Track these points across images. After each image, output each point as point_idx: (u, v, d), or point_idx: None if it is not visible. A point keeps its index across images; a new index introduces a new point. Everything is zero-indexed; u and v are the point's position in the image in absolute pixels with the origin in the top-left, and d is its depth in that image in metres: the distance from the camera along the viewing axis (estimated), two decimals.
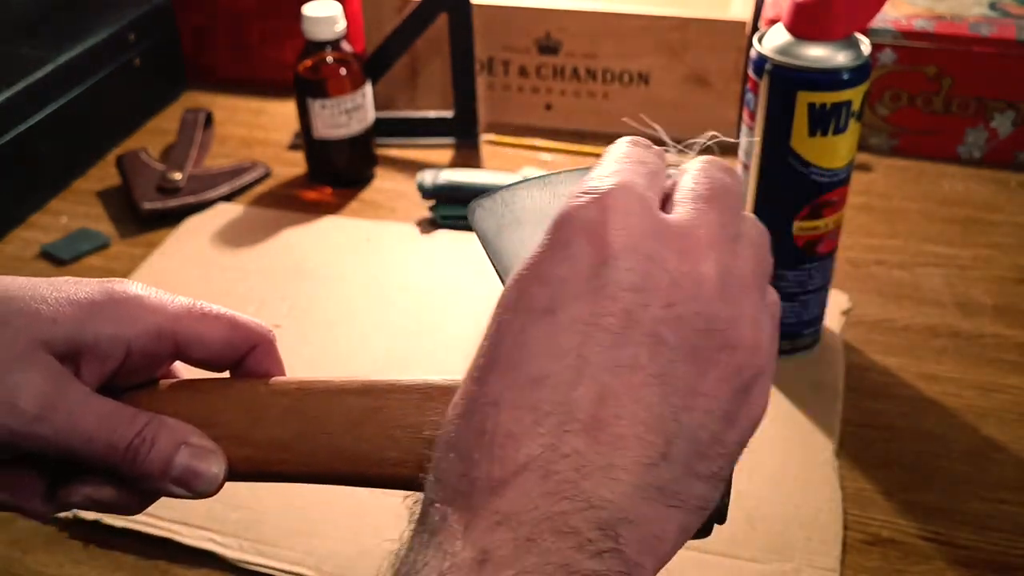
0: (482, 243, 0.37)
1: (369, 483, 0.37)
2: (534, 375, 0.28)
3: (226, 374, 0.40)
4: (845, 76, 0.58)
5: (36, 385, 0.34)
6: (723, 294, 0.29)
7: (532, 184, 0.38)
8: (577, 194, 0.30)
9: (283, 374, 0.41)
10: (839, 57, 0.58)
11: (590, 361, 0.28)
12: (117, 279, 0.38)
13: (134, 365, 0.37)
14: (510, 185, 0.37)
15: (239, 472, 0.37)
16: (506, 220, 0.37)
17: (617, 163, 0.31)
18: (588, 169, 0.36)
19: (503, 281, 0.36)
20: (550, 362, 0.28)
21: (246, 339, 0.40)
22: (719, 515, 0.35)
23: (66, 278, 0.37)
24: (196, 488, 0.36)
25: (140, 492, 0.37)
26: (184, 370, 0.41)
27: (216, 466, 0.36)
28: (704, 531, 0.34)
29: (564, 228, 0.29)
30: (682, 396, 0.28)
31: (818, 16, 0.58)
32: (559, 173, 0.36)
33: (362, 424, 0.37)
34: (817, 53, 0.58)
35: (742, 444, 0.30)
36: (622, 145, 0.32)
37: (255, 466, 0.37)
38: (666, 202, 0.31)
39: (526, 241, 0.36)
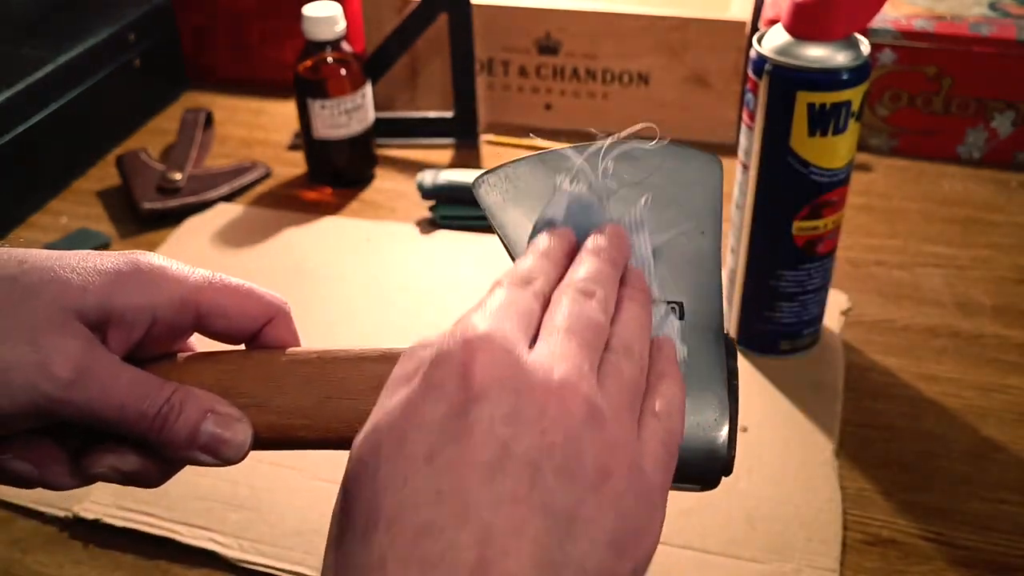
0: (488, 215, 0.39)
1: None
2: (419, 526, 0.28)
3: (242, 347, 0.41)
4: (845, 76, 0.58)
5: (70, 351, 0.34)
6: (592, 420, 0.30)
7: (533, 160, 0.40)
8: (450, 336, 0.31)
9: (299, 346, 0.42)
10: (839, 57, 0.58)
11: (471, 501, 0.28)
12: (139, 251, 0.38)
13: (156, 335, 0.38)
14: (513, 161, 0.39)
15: (263, 439, 0.38)
16: (509, 194, 0.39)
17: (492, 307, 0.32)
18: (582, 147, 0.40)
19: (509, 252, 0.38)
20: (433, 510, 0.28)
21: (264, 311, 0.41)
22: (725, 467, 0.35)
23: (89, 251, 0.38)
24: (223, 455, 0.37)
25: (164, 462, 0.37)
26: (200, 345, 0.41)
27: (242, 433, 0.37)
28: (711, 483, 0.35)
29: (436, 370, 0.30)
30: (565, 525, 0.29)
31: (818, 16, 0.58)
32: (556, 151, 0.38)
33: (383, 376, 0.37)
34: (817, 53, 0.58)
35: (637, 573, 0.30)
36: (499, 292, 0.33)
37: (278, 432, 0.38)
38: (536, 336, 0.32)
39: (527, 214, 0.38)
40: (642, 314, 0.35)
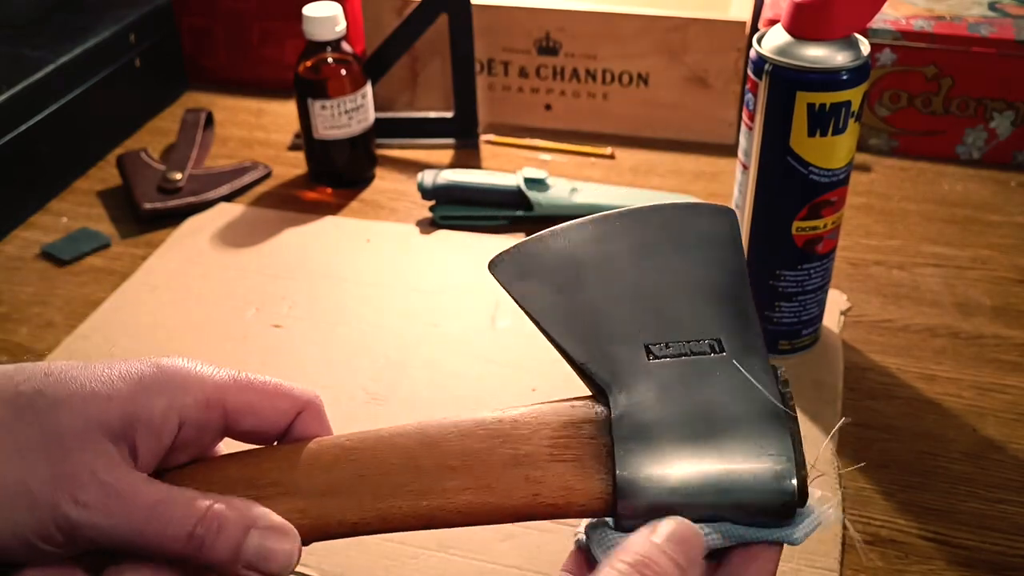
0: (506, 290, 0.40)
1: (431, 521, 0.36)
2: None
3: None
4: (844, 76, 0.58)
5: (94, 470, 0.33)
6: None
7: (544, 237, 0.41)
8: None
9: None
10: (838, 57, 0.58)
11: None
12: (164, 357, 0.37)
13: (186, 440, 0.36)
14: (525, 240, 0.40)
15: (298, 527, 0.35)
16: (523, 267, 0.40)
17: None
18: (595, 219, 0.41)
19: (532, 319, 0.39)
20: None
21: (293, 405, 0.39)
22: (799, 504, 0.35)
23: (115, 359, 0.36)
24: (269, 570, 0.34)
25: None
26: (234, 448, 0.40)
27: (289, 543, 0.35)
28: (787, 520, 0.35)
29: None
30: None
31: (817, 16, 0.58)
32: (568, 225, 0.40)
33: (418, 457, 0.36)
34: (816, 53, 0.59)
35: None
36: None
37: (312, 518, 0.35)
38: None
39: (541, 285, 0.39)
40: None
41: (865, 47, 0.60)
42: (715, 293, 0.40)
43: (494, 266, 0.40)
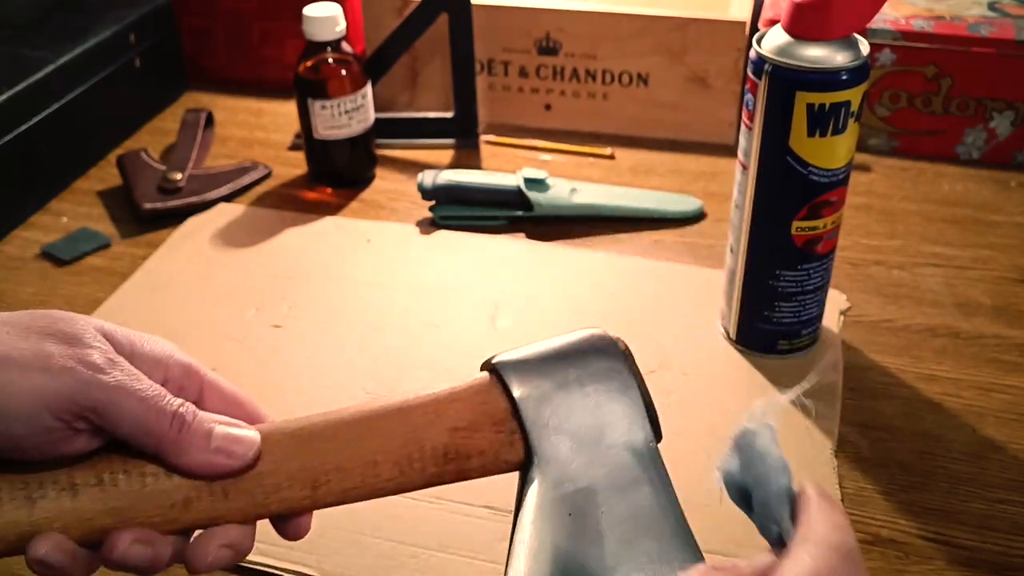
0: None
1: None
2: None
3: None
4: (844, 76, 0.58)
5: (105, 354, 0.37)
6: None
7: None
8: None
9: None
10: (838, 57, 0.58)
11: None
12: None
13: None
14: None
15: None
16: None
17: None
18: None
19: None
20: None
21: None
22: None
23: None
24: (237, 453, 0.38)
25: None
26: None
27: (251, 432, 0.39)
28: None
29: None
30: None
31: (817, 16, 0.58)
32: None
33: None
34: (816, 53, 0.59)
35: None
36: None
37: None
38: None
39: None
40: None
41: (865, 47, 0.60)
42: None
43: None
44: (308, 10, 0.84)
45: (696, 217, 0.85)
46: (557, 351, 0.42)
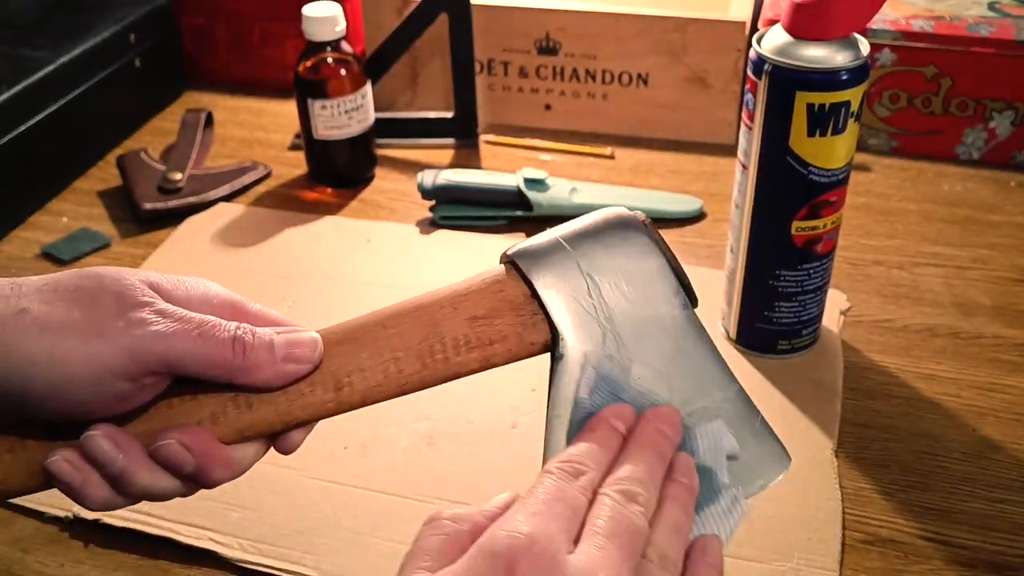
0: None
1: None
2: None
3: None
4: (844, 76, 0.58)
5: (151, 306, 0.38)
6: None
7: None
8: (500, 532, 0.33)
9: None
10: (838, 57, 0.58)
11: None
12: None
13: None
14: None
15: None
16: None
17: (539, 502, 0.34)
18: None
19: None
20: None
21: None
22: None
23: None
24: (304, 356, 0.38)
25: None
26: None
27: (310, 332, 0.39)
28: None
29: (483, 564, 0.32)
30: None
31: (817, 16, 0.58)
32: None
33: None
34: (816, 53, 0.59)
35: None
36: (549, 482, 0.35)
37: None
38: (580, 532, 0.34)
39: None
40: (681, 518, 0.37)
41: (865, 47, 0.60)
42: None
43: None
44: (308, 10, 0.84)
45: (696, 217, 0.85)
46: (574, 232, 0.41)
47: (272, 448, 0.41)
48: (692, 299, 0.41)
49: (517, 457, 0.62)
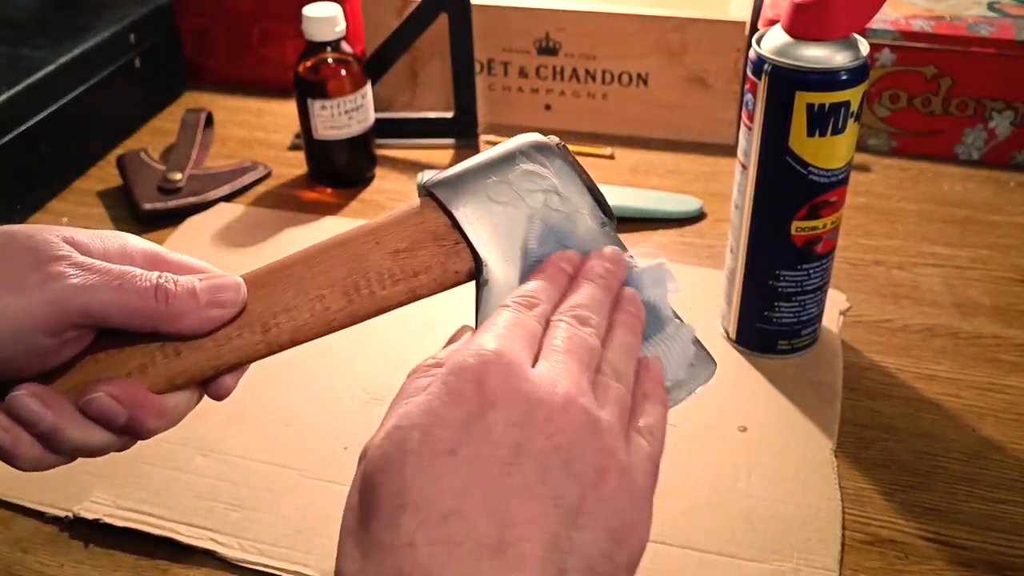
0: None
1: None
2: (445, 511, 0.31)
3: None
4: (843, 76, 0.58)
5: (69, 259, 0.37)
6: (591, 428, 0.34)
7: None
8: (467, 351, 0.35)
9: None
10: (837, 57, 0.58)
11: (491, 491, 0.32)
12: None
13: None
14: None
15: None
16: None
17: (500, 328, 0.36)
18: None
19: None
20: (457, 498, 0.32)
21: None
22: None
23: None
24: (228, 300, 0.39)
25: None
26: None
27: (231, 278, 0.39)
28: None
29: (454, 379, 0.34)
30: (571, 516, 0.33)
31: (817, 17, 0.58)
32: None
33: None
34: (816, 53, 0.59)
35: (632, 566, 0.34)
36: (506, 314, 0.38)
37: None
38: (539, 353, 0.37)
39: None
40: (630, 339, 0.39)
41: (864, 47, 0.60)
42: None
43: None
44: (308, 10, 0.84)
45: (696, 217, 0.85)
46: (490, 159, 0.42)
47: (205, 395, 0.41)
48: (609, 215, 0.44)
49: None
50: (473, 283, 0.41)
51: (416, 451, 0.32)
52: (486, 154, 0.43)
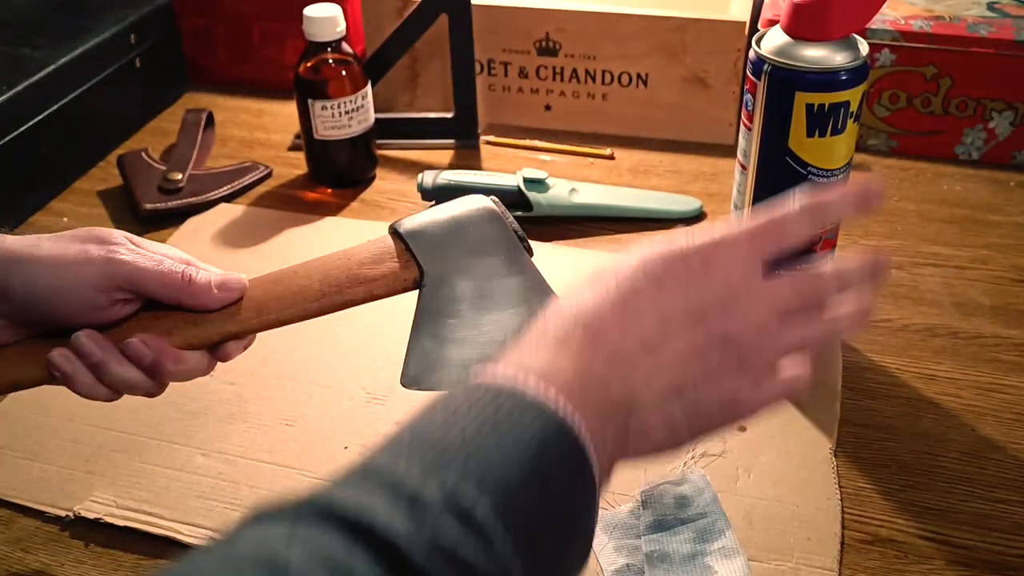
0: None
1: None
2: (637, 335, 0.39)
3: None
4: (843, 77, 0.59)
5: (125, 242, 0.50)
6: (772, 330, 0.41)
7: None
8: (684, 248, 0.41)
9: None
10: (837, 58, 0.59)
11: (673, 325, 0.40)
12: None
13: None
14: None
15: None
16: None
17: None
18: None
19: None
20: (648, 327, 0.39)
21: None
22: None
23: None
24: (234, 287, 0.51)
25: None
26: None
27: (238, 275, 0.52)
28: None
29: (669, 268, 0.41)
30: (707, 373, 0.40)
31: (816, 17, 0.58)
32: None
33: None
34: (815, 54, 0.59)
35: (739, 416, 0.42)
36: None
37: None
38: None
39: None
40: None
41: (864, 47, 0.60)
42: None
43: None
44: (308, 10, 0.84)
45: (696, 217, 0.85)
46: (444, 210, 0.55)
47: (214, 357, 0.52)
48: (527, 250, 0.55)
49: None
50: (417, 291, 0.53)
51: (644, 278, 0.40)
52: (441, 209, 0.55)
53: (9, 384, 0.50)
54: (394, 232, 0.54)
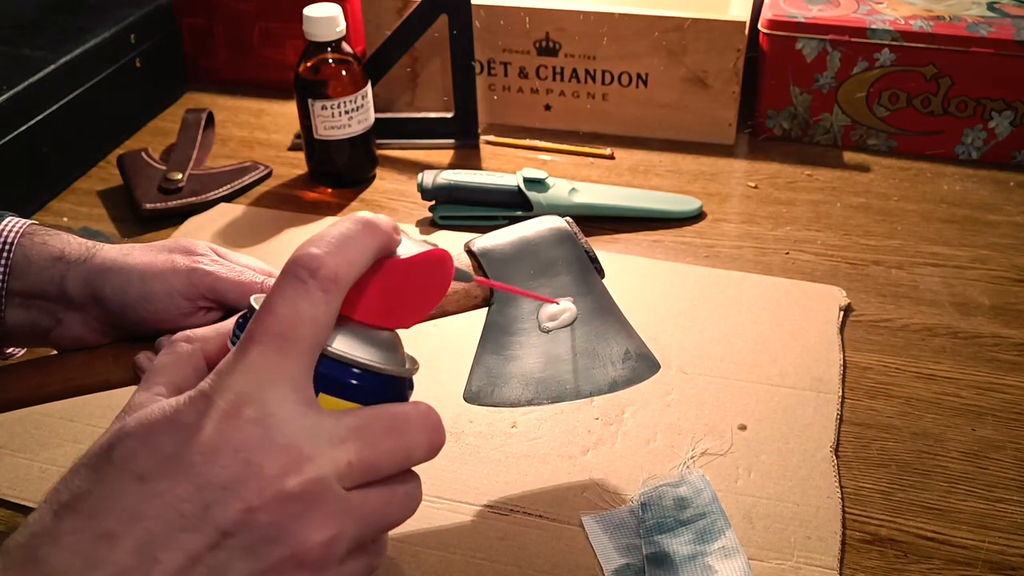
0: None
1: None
2: (103, 531, 0.32)
3: None
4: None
5: (208, 254, 0.54)
6: (304, 514, 0.33)
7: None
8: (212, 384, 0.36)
9: None
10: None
11: (155, 537, 0.32)
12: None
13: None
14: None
15: None
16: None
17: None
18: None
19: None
20: (122, 524, 0.32)
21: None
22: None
23: None
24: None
25: None
26: None
27: None
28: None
29: (196, 405, 0.35)
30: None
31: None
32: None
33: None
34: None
35: None
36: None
37: None
38: None
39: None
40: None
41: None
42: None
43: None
44: (308, 10, 0.84)
45: (695, 217, 0.85)
46: (517, 230, 0.56)
47: None
48: (599, 271, 0.56)
49: (517, 457, 0.62)
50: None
51: (114, 462, 0.33)
52: (515, 228, 0.56)
53: (100, 384, 0.53)
54: (468, 250, 0.55)
